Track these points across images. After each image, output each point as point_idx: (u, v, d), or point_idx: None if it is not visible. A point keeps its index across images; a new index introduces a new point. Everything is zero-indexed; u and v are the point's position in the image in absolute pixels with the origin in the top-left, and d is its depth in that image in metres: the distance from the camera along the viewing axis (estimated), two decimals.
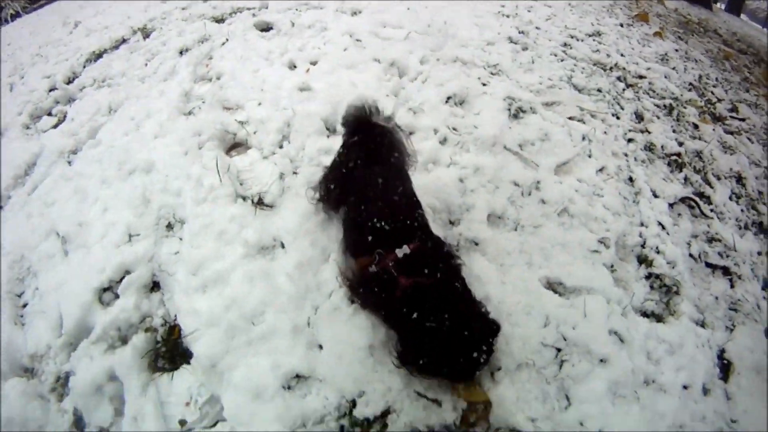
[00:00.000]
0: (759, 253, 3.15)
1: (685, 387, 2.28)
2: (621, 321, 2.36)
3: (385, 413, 1.96)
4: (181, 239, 2.53)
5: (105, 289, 2.38)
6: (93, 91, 4.13)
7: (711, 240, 3.06)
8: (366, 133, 2.26)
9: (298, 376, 2.02)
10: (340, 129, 3.01)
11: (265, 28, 4.67)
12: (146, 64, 4.30)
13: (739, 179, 3.70)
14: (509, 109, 3.40)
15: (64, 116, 3.90)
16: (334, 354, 2.05)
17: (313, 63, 3.85)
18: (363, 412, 1.94)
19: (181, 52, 4.33)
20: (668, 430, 2.14)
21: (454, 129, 3.14)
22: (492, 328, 1.84)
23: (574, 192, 2.80)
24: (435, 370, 1.86)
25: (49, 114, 4.02)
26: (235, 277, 2.30)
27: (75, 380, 2.12)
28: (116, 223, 2.64)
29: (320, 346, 2.09)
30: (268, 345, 2.09)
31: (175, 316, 2.24)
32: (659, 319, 2.51)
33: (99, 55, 4.84)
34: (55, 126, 3.80)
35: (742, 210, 3.43)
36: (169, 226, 2.62)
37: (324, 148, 2.93)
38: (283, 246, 2.44)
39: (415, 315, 1.77)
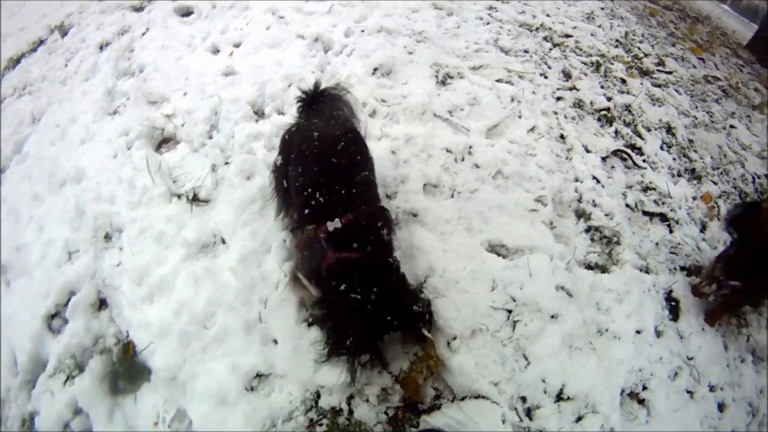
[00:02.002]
0: (694, 198, 3.41)
1: (637, 332, 2.47)
2: (566, 276, 2.50)
3: (350, 398, 2.04)
4: (121, 249, 2.52)
5: (53, 316, 2.36)
6: (14, 101, 3.98)
7: (646, 189, 3.26)
8: (311, 96, 2.34)
9: (258, 375, 2.06)
10: (269, 111, 3.07)
11: (186, 12, 4.58)
12: (66, 65, 4.17)
13: (669, 129, 3.95)
14: (437, 76, 3.48)
15: None
16: (290, 347, 2.10)
17: (237, 45, 3.84)
18: (329, 402, 2.02)
19: (101, 47, 4.22)
20: (628, 375, 2.32)
21: (383, 100, 3.20)
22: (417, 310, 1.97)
23: (506, 154, 2.91)
24: (360, 351, 1.95)
25: None
26: (179, 280, 2.31)
27: (40, 420, 2.10)
28: (54, 242, 2.59)
29: (275, 341, 2.14)
30: (223, 347, 2.12)
31: (127, 332, 2.23)
32: (603, 269, 2.68)
33: (17, 61, 4.66)
34: None
35: (674, 158, 3.66)
36: (107, 237, 2.60)
37: (254, 134, 2.95)
38: (224, 241, 2.46)
39: (340, 289, 1.86)
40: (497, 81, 3.56)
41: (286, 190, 2.26)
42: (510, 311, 2.33)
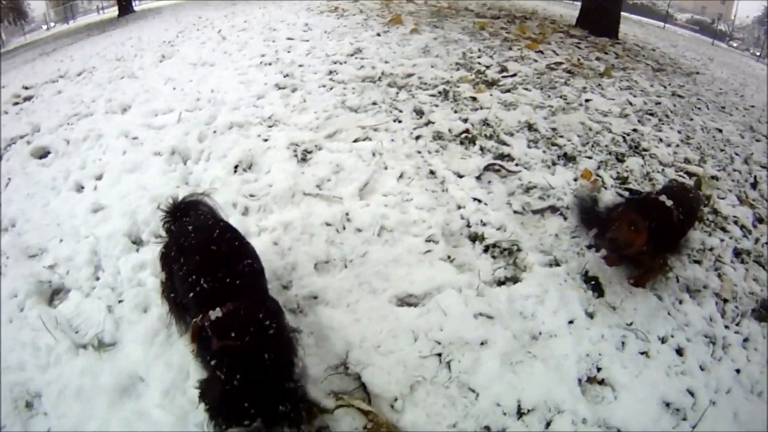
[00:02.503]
0: (575, 179, 3.62)
1: (570, 322, 2.57)
2: (480, 301, 2.57)
3: None
4: (46, 414, 2.36)
5: None
6: None
7: (527, 190, 3.42)
8: (173, 209, 2.43)
9: None
10: (146, 237, 3.04)
11: (43, 154, 4.56)
12: None
13: (530, 127, 4.21)
14: (296, 155, 3.56)
15: None
16: None
17: (99, 177, 3.82)
18: None
19: None
20: (578, 364, 2.40)
21: (252, 195, 3.22)
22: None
23: (384, 208, 3.00)
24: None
25: None
26: (113, 429, 2.21)
27: None
28: None
29: None
30: None
31: None
32: (515, 280, 2.77)
33: None
34: None
35: (543, 151, 3.89)
36: (28, 405, 2.43)
37: (138, 264, 2.91)
38: (142, 379, 2.38)
39: (223, 376, 1.84)
40: (354, 141, 3.68)
41: (175, 301, 2.29)
42: (440, 354, 2.35)
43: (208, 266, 2.06)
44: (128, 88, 5.61)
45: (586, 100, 5.17)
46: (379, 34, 6.53)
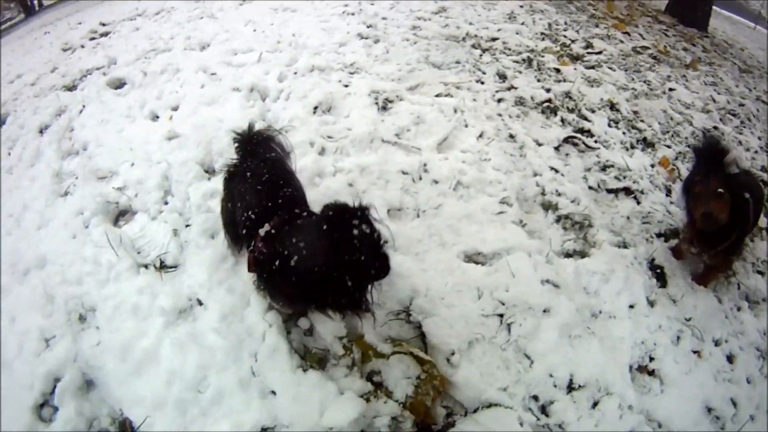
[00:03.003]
0: (652, 165, 3.50)
1: (631, 306, 2.50)
2: (548, 268, 2.52)
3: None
4: (98, 328, 2.41)
5: (41, 405, 2.22)
6: None
7: (604, 168, 3.33)
8: (247, 139, 2.41)
9: (264, 429, 1.98)
10: (219, 168, 3.05)
11: (119, 84, 4.59)
12: (9, 153, 4.08)
13: (612, 106, 4.06)
14: (377, 103, 3.52)
15: None
16: (290, 395, 2.04)
17: (175, 108, 3.82)
18: None
19: (41, 131, 4.17)
20: (632, 350, 2.34)
21: (329, 137, 3.20)
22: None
23: (461, 164, 2.94)
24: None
25: None
26: (164, 350, 2.23)
27: None
28: (29, 331, 2.47)
29: (273, 392, 2.07)
30: (222, 408, 2.05)
31: (120, 410, 2.12)
32: (582, 254, 2.71)
33: None
34: None
35: (623, 133, 3.77)
36: (82, 318, 2.48)
37: (209, 192, 2.91)
38: (200, 303, 2.40)
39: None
40: (436, 96, 3.61)
41: (231, 220, 2.30)
42: (501, 315, 2.32)
43: (255, 199, 2.07)
44: (208, 28, 5.59)
45: (670, 89, 4.93)
46: None
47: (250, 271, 2.04)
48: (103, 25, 7.26)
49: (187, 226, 2.79)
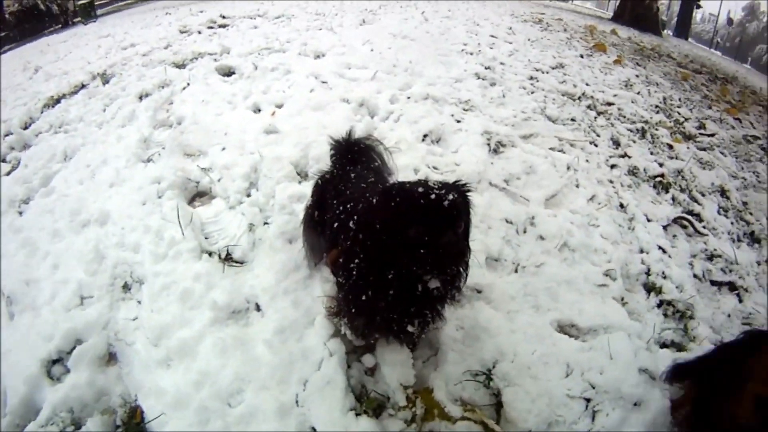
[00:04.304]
0: (758, 263, 3.06)
1: None
2: (648, 356, 2.13)
3: None
4: (139, 302, 2.18)
5: (54, 361, 1.99)
6: (49, 137, 3.88)
7: (711, 257, 2.92)
8: (346, 146, 2.17)
9: None
10: (313, 173, 2.83)
11: (228, 72, 4.56)
12: (104, 110, 4.10)
13: (723, 192, 3.63)
14: (488, 144, 3.25)
15: (18, 163, 3.62)
16: None
17: (279, 106, 3.68)
18: None
19: (140, 97, 4.16)
20: None
21: (435, 167, 2.95)
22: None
23: (570, 224, 2.61)
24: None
25: (4, 161, 3.73)
26: (204, 347, 1.93)
27: None
28: (67, 282, 2.29)
29: (313, 430, 1.70)
30: (249, 430, 1.70)
31: (136, 395, 1.84)
32: (680, 348, 2.30)
33: (57, 101, 4.66)
34: (8, 173, 3.50)
35: (732, 222, 3.34)
36: (126, 287, 2.26)
37: (296, 195, 2.67)
38: (258, 308, 2.11)
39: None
40: (550, 149, 3.30)
41: (314, 229, 2.06)
42: (588, 400, 1.96)
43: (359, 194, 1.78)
44: (325, 39, 5.55)
45: None
46: (582, 56, 6.03)
47: (332, 265, 1.80)
48: (223, 17, 7.47)
49: (265, 224, 2.56)
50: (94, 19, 13.90)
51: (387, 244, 1.42)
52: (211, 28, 6.82)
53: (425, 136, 3.28)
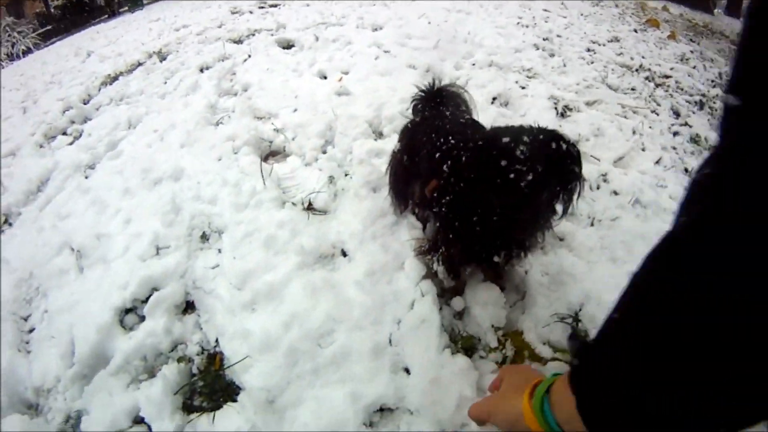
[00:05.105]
0: None
1: None
2: None
3: None
4: (219, 251, 2.15)
5: (128, 310, 1.96)
6: (110, 109, 3.92)
7: None
8: (432, 93, 2.17)
9: (382, 409, 1.58)
10: (387, 132, 2.83)
11: (287, 45, 4.56)
12: (165, 82, 4.12)
13: None
14: (555, 108, 3.23)
15: (80, 134, 3.67)
16: (427, 378, 1.60)
17: (345, 72, 3.68)
18: None
19: (201, 70, 4.18)
20: None
21: None
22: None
23: (641, 183, 2.60)
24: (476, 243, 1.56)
25: (64, 134, 3.78)
26: (291, 290, 1.88)
27: (88, 420, 1.64)
28: (141, 235, 2.25)
29: (407, 370, 1.67)
30: (341, 371, 1.64)
31: (216, 341, 1.80)
32: None
33: (115, 78, 4.71)
34: (71, 144, 3.55)
35: None
36: (204, 237, 2.23)
37: (374, 150, 2.65)
38: (344, 254, 2.09)
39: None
40: (615, 114, 3.27)
41: (403, 175, 2.02)
42: None
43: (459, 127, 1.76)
44: (381, 13, 5.47)
45: None
46: (636, 31, 5.87)
47: (430, 196, 1.67)
48: None
49: (346, 175, 2.54)
50: (140, 7, 14.02)
51: (480, 192, 1.42)
52: (262, 8, 6.76)
53: (494, 99, 3.27)
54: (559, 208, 1.48)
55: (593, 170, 2.63)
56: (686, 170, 2.95)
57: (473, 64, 3.78)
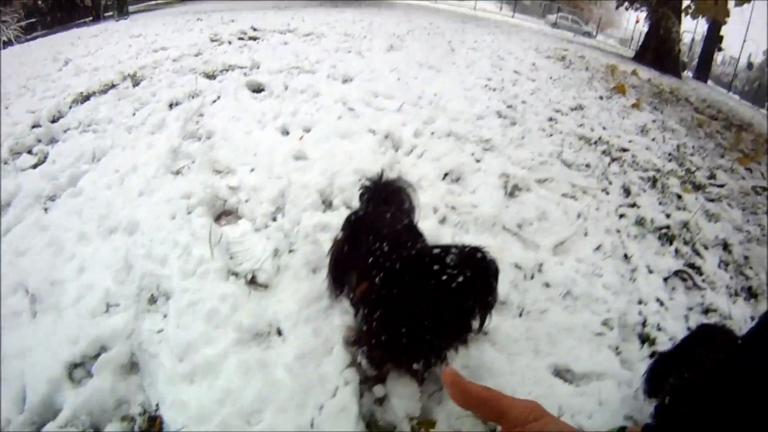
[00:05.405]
0: (752, 318, 3.15)
1: None
2: (634, 405, 2.27)
3: None
4: (165, 316, 2.22)
5: (77, 365, 2.03)
6: (77, 135, 3.92)
7: (706, 311, 3.01)
8: (377, 185, 2.29)
9: None
10: (337, 203, 2.92)
11: (257, 89, 4.64)
12: (134, 114, 4.15)
13: (726, 247, 3.73)
14: (505, 187, 3.38)
15: (45, 157, 3.66)
16: None
17: (307, 130, 3.77)
18: None
19: (171, 105, 4.23)
20: None
21: (453, 207, 3.08)
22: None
23: (575, 273, 2.74)
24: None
25: (30, 152, 3.75)
26: (228, 366, 2.00)
27: None
28: (93, 287, 2.32)
29: None
30: None
31: (157, 405, 1.90)
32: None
33: (87, 98, 4.73)
34: (35, 166, 3.53)
35: (731, 277, 3.42)
36: (152, 299, 2.31)
37: (321, 224, 2.76)
38: (279, 333, 2.19)
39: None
40: (563, 195, 3.43)
41: (342, 264, 2.13)
42: None
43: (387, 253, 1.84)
44: (354, 63, 5.64)
45: None
46: (601, 98, 6.14)
47: (359, 297, 1.85)
48: (254, 29, 7.53)
49: (290, 251, 2.63)
50: (125, 16, 14.25)
51: (407, 301, 1.54)
52: (242, 39, 6.93)
53: (446, 174, 3.41)
54: (475, 324, 1.60)
55: (531, 258, 2.76)
56: (626, 256, 3.10)
57: (432, 133, 3.93)
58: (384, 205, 2.20)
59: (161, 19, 10.92)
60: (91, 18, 16.20)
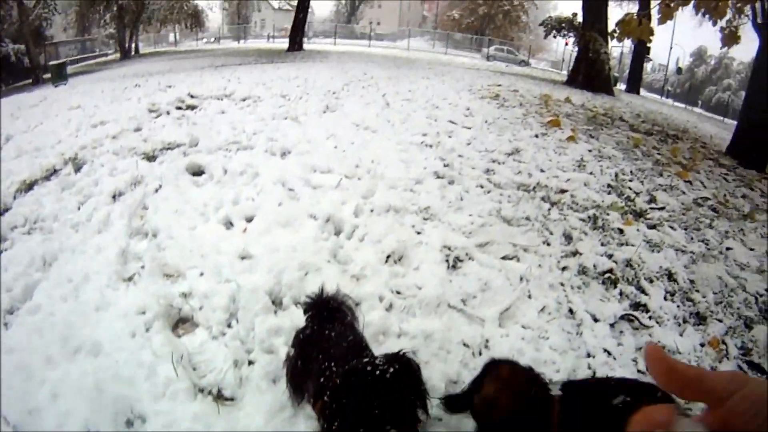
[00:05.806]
0: (702, 345, 3.34)
1: None
2: None
3: None
4: None
5: None
6: (25, 237, 3.92)
7: None
8: (318, 302, 2.44)
9: None
10: (287, 303, 3.04)
11: (197, 171, 4.76)
12: (79, 208, 4.21)
13: (670, 276, 3.94)
14: (447, 260, 3.55)
15: None
16: None
17: (249, 219, 3.89)
18: None
19: (114, 197, 4.31)
20: None
21: (398, 292, 3.22)
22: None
23: (521, 342, 2.90)
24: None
25: None
26: None
27: None
28: (71, 415, 2.36)
29: None
30: None
31: None
32: None
33: (30, 186, 4.76)
34: None
35: (678, 306, 3.63)
36: (129, 423, 2.39)
37: (274, 328, 2.87)
38: None
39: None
40: (503, 258, 3.63)
41: (297, 377, 2.30)
42: None
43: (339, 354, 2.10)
44: (291, 132, 5.81)
45: (727, 249, 4.74)
46: (537, 136, 6.47)
47: (318, 413, 2.02)
48: (192, 97, 7.66)
49: (250, 363, 2.74)
50: (64, 81, 14.29)
51: (356, 405, 1.78)
52: (180, 108, 7.11)
53: (388, 256, 3.56)
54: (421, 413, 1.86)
55: (477, 334, 2.93)
56: (571, 311, 3.28)
57: (372, 210, 4.08)
58: (327, 321, 2.37)
59: (99, 85, 10.97)
60: (30, 81, 16.20)
